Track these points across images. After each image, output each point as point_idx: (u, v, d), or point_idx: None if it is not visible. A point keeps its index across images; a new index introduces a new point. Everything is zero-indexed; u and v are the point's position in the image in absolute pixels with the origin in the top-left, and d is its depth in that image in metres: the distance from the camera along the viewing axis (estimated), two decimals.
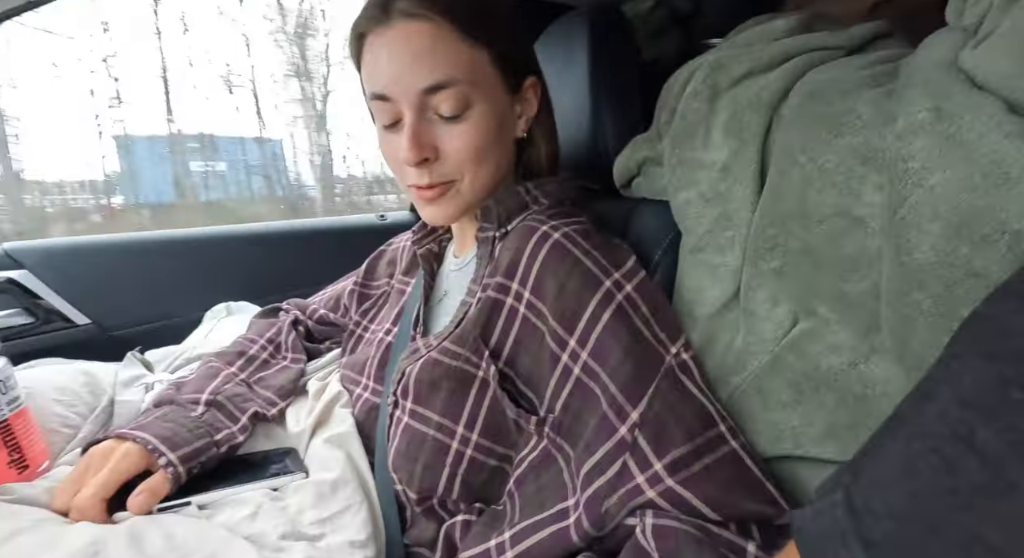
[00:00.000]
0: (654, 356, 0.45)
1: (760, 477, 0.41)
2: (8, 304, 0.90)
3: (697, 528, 0.38)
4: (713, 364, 0.48)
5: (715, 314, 0.49)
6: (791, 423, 0.42)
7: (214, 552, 0.44)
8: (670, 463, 0.40)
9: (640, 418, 0.42)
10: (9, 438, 0.49)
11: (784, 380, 0.43)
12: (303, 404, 0.67)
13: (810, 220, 0.41)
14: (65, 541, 0.41)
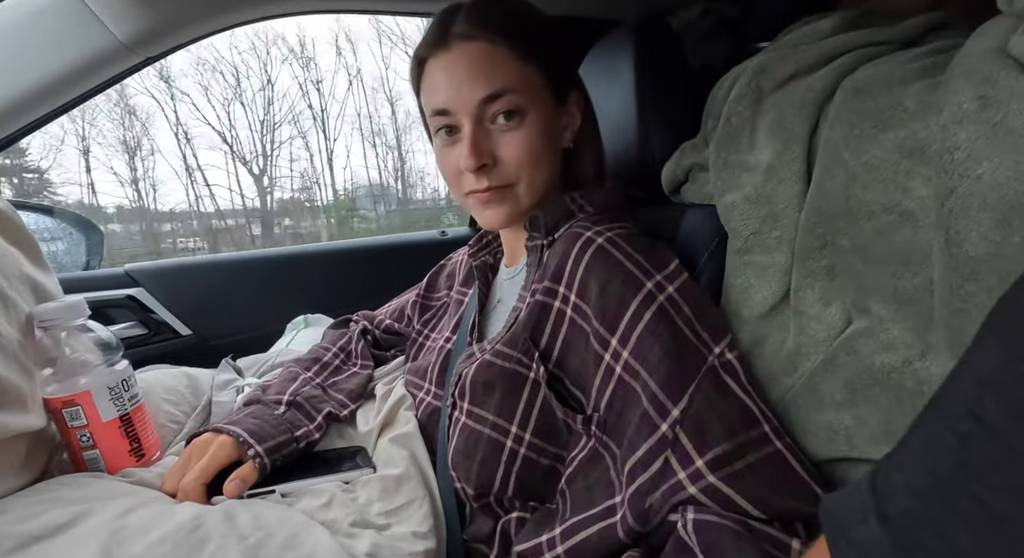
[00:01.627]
0: (696, 355, 0.45)
1: (806, 478, 0.40)
2: (127, 317, 1.04)
3: (739, 524, 0.38)
4: (763, 365, 0.48)
5: (764, 315, 0.48)
6: (844, 423, 0.41)
7: (295, 533, 0.49)
8: (712, 459, 0.40)
9: (681, 415, 0.42)
10: (130, 429, 0.57)
11: (838, 380, 0.42)
12: (371, 406, 0.73)
13: (858, 217, 0.41)
14: (173, 516, 0.47)
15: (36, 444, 0.52)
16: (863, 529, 0.22)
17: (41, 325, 0.54)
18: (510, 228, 0.68)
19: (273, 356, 0.88)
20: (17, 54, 0.76)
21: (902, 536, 0.21)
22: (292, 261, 1.25)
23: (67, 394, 0.53)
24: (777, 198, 0.47)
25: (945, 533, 0.19)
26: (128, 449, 0.58)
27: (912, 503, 0.21)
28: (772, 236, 0.48)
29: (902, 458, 0.23)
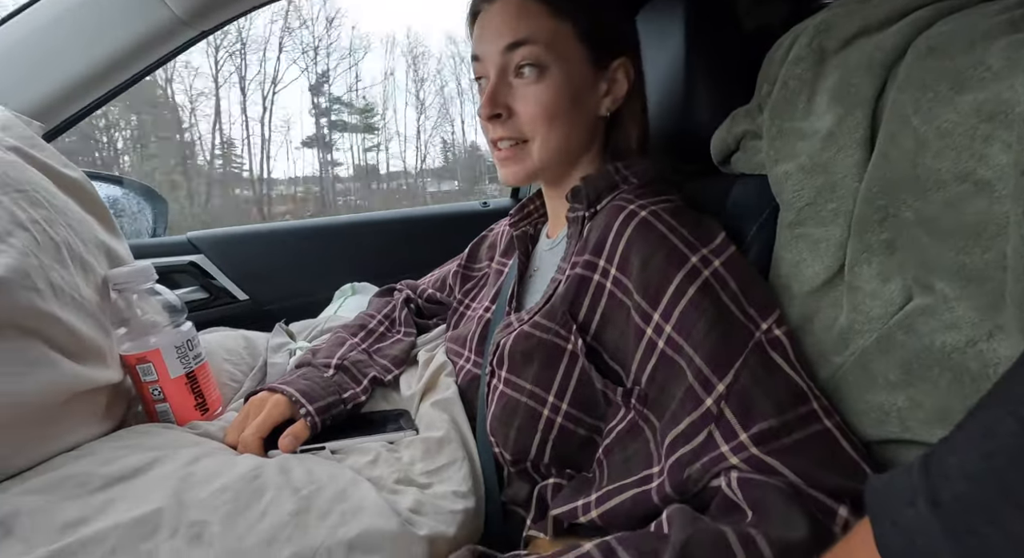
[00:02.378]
0: (742, 331, 0.44)
1: (855, 457, 0.39)
2: (189, 282, 1.11)
3: (786, 485, 0.37)
4: (812, 342, 0.46)
5: (815, 290, 0.46)
6: (897, 404, 0.39)
7: (344, 488, 0.52)
8: (757, 434, 0.40)
9: (726, 390, 0.42)
10: (195, 386, 0.62)
11: (893, 360, 0.40)
12: (414, 372, 0.75)
13: (926, 187, 0.38)
14: (235, 467, 0.51)
15: (115, 396, 0.57)
16: (911, 512, 0.21)
17: (115, 288, 0.58)
18: (551, 197, 0.68)
19: (322, 322, 0.93)
20: (80, 34, 0.80)
21: (953, 521, 0.20)
22: (340, 231, 1.29)
23: (140, 352, 0.58)
24: (835, 167, 0.45)
25: (999, 520, 0.19)
26: (194, 404, 0.62)
27: (966, 488, 0.20)
28: (827, 208, 0.45)
29: (958, 442, 0.22)
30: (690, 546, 0.35)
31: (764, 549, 0.34)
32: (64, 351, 0.49)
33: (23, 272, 0.45)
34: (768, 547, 0.34)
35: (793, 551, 0.34)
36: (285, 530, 0.45)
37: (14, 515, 0.40)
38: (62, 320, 0.48)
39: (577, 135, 0.60)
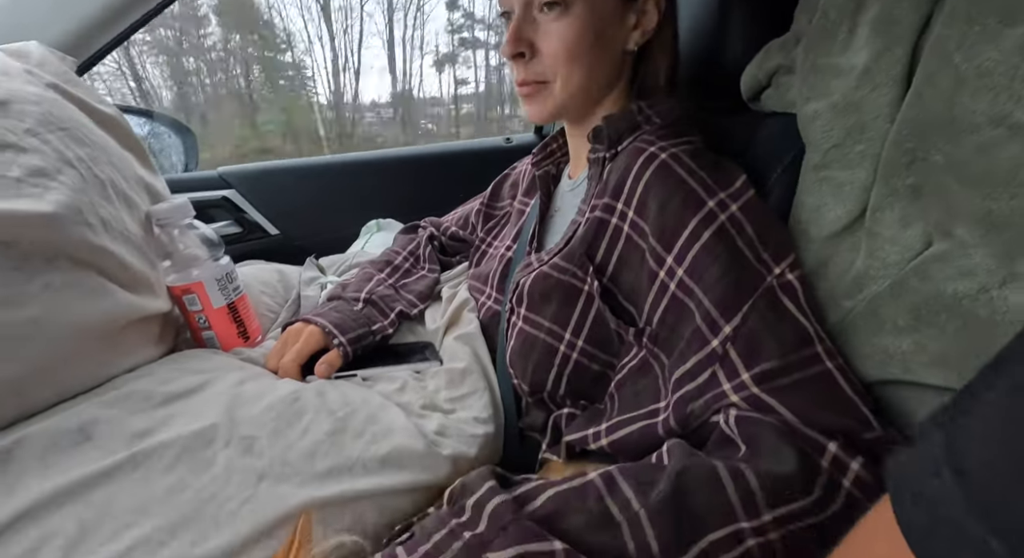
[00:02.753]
0: (754, 276, 0.45)
1: (853, 397, 0.41)
2: (223, 217, 1.16)
3: (781, 422, 0.39)
4: (826, 287, 0.47)
5: (834, 235, 0.46)
6: (902, 348, 0.40)
7: (375, 411, 0.57)
8: (758, 373, 0.42)
9: (733, 332, 0.43)
10: (236, 316, 0.67)
11: (903, 305, 0.41)
12: (438, 307, 0.79)
13: (958, 130, 0.37)
14: (277, 390, 0.56)
15: (165, 324, 0.62)
16: (935, 483, 0.20)
17: (158, 223, 0.61)
18: (573, 137, 0.67)
19: (350, 257, 0.96)
20: None
21: (980, 491, 0.19)
22: (365, 167, 1.29)
23: (184, 283, 0.62)
24: (867, 107, 0.43)
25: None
26: (237, 332, 0.67)
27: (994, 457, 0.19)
28: (855, 150, 0.44)
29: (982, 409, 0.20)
30: (684, 477, 0.38)
31: (752, 481, 0.36)
32: (118, 282, 0.53)
33: (75, 208, 0.48)
34: (755, 479, 0.36)
35: (779, 484, 0.36)
36: (324, 446, 0.50)
37: (92, 423, 0.46)
38: (114, 253, 0.52)
39: (601, 72, 0.58)
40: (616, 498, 0.37)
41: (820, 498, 0.36)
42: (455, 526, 0.39)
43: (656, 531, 0.35)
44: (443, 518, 0.40)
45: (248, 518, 0.43)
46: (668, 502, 0.36)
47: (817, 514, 0.36)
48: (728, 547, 0.35)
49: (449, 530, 0.38)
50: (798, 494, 0.36)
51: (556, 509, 0.38)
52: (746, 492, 0.36)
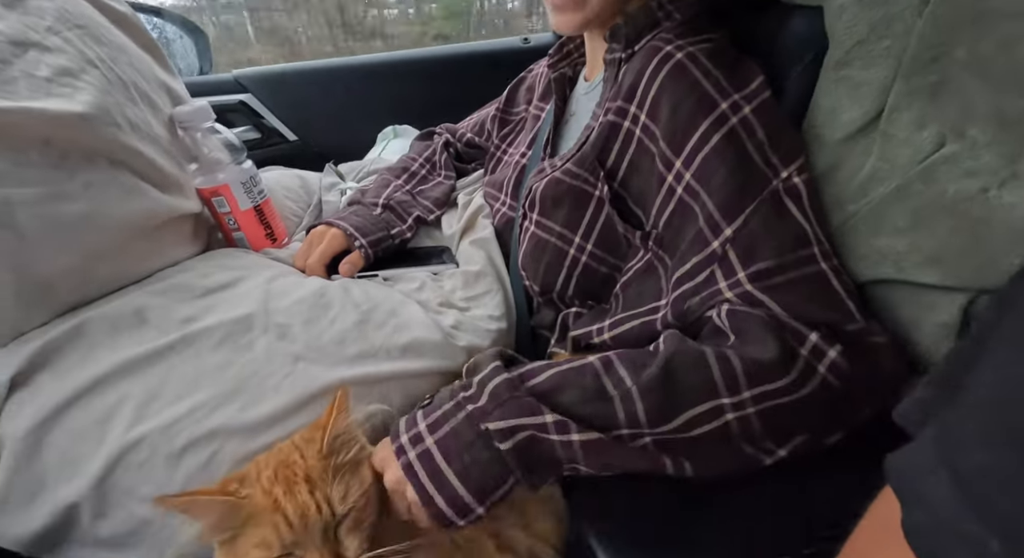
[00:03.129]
0: (760, 179, 0.46)
1: (843, 296, 0.43)
2: (242, 122, 1.16)
3: (769, 315, 0.42)
4: (832, 190, 0.47)
5: (847, 138, 0.46)
6: (897, 249, 0.42)
7: (395, 306, 0.61)
8: (753, 272, 0.44)
9: (733, 234, 0.45)
10: (262, 218, 0.70)
11: (906, 207, 0.42)
12: (454, 213, 0.81)
13: (988, 23, 0.35)
14: (306, 285, 0.61)
15: (198, 224, 0.66)
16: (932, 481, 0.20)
17: (181, 126, 0.63)
18: (591, 37, 0.64)
19: (368, 164, 0.97)
20: None
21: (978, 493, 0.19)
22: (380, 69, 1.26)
23: (212, 186, 0.65)
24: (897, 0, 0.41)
25: None
26: (264, 234, 0.71)
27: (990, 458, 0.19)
28: (880, 46, 0.43)
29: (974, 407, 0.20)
30: (674, 360, 0.42)
31: (736, 365, 0.40)
32: (151, 182, 0.56)
33: (104, 108, 0.50)
34: (739, 363, 0.40)
35: (760, 367, 0.40)
36: (351, 334, 0.56)
37: (146, 309, 0.51)
38: (144, 154, 0.54)
39: None
40: (611, 376, 0.42)
41: (795, 380, 0.40)
42: (461, 399, 0.44)
43: (645, 404, 0.40)
44: (454, 391, 0.45)
45: (288, 391, 0.49)
46: (657, 379, 0.41)
47: (792, 394, 0.40)
48: (709, 419, 0.40)
49: (456, 402, 0.44)
50: (775, 376, 0.40)
51: (554, 385, 0.42)
52: (729, 372, 0.40)
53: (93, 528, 0.45)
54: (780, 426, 0.41)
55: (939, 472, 0.20)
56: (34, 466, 0.44)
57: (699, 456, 0.42)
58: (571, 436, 0.40)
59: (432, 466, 0.41)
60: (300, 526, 0.38)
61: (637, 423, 0.40)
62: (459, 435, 0.42)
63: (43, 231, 0.46)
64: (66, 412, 0.45)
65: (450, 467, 0.41)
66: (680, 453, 0.42)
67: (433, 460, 0.42)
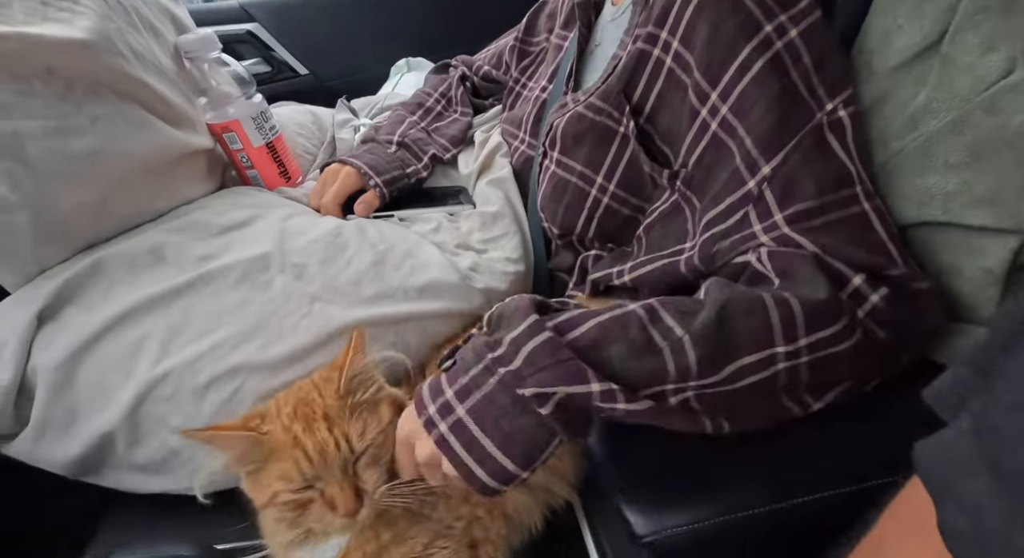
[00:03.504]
0: (803, 112, 0.42)
1: (885, 239, 0.40)
2: (252, 54, 1.12)
3: (809, 254, 0.39)
4: (879, 125, 0.44)
5: (900, 66, 0.42)
6: (946, 188, 0.39)
7: (411, 247, 0.60)
8: (791, 214, 0.41)
9: (772, 172, 0.42)
10: (275, 155, 0.68)
11: (961, 141, 0.38)
12: (471, 152, 0.78)
13: None
14: (321, 225, 0.60)
15: (212, 161, 0.65)
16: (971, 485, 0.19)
17: (187, 56, 0.60)
18: None
19: (381, 99, 0.93)
20: None
21: None
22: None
23: (222, 121, 0.63)
24: None
25: None
26: (278, 172, 0.70)
27: None
28: None
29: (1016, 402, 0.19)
30: (729, 305, 0.37)
31: (795, 307, 0.37)
32: (160, 116, 0.54)
33: (105, 35, 0.48)
34: (798, 305, 0.37)
35: (816, 309, 0.37)
36: (368, 275, 0.55)
37: (162, 247, 0.51)
38: (151, 86, 0.52)
39: None
40: (658, 326, 0.38)
41: (847, 325, 0.37)
42: (490, 361, 0.38)
43: (698, 353, 0.36)
44: (480, 352, 0.39)
45: (306, 331, 0.50)
46: (712, 327, 0.36)
47: (844, 341, 0.37)
48: (758, 369, 0.37)
49: (485, 366, 0.39)
50: (829, 321, 0.37)
51: (598, 338, 0.38)
52: (788, 317, 0.36)
53: (128, 455, 0.47)
54: (826, 377, 0.39)
55: (979, 472, 0.19)
56: (68, 396, 0.45)
57: (737, 410, 0.40)
58: (616, 405, 0.36)
59: (468, 438, 0.37)
60: (320, 461, 0.39)
61: (687, 375, 0.36)
62: (493, 402, 0.37)
63: (54, 166, 0.45)
64: (94, 346, 0.46)
65: (488, 437, 0.37)
66: (719, 409, 0.39)
67: (468, 430, 0.37)
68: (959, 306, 0.41)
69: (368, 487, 0.41)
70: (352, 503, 0.39)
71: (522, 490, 0.48)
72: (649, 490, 0.39)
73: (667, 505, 0.38)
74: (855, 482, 0.37)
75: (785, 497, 0.37)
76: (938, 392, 0.24)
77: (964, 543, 0.19)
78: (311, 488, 0.39)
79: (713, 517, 0.37)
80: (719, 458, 0.40)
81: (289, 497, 0.39)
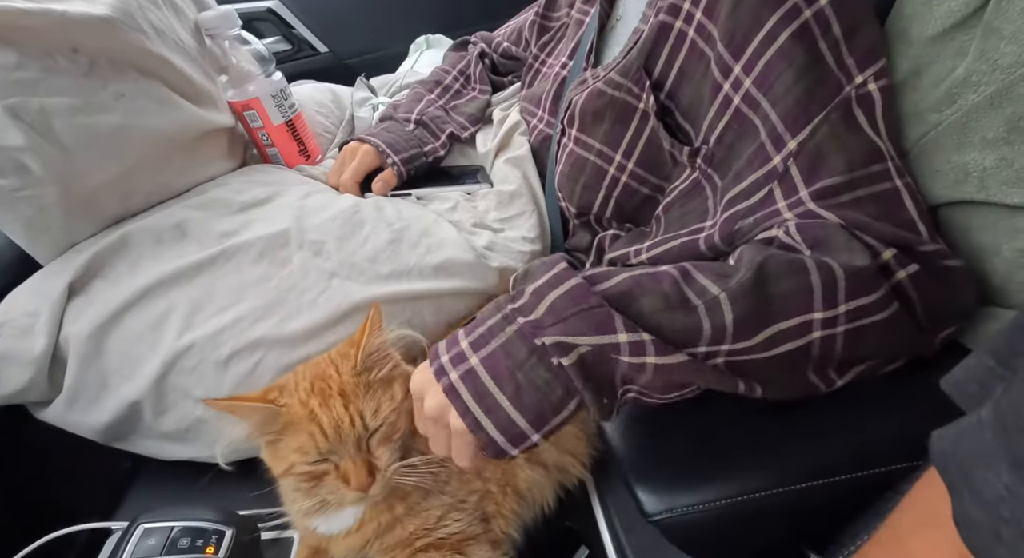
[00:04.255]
0: (831, 85, 0.40)
1: (915, 217, 0.39)
2: (272, 33, 1.12)
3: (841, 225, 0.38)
4: (914, 99, 0.42)
5: (939, 35, 0.40)
6: (984, 164, 0.37)
7: (428, 226, 0.61)
8: (818, 189, 0.39)
9: (798, 148, 0.40)
10: (295, 133, 0.69)
11: (1001, 116, 0.36)
12: (489, 130, 0.77)
13: None
14: (339, 202, 0.60)
15: (233, 139, 0.66)
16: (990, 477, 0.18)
17: (207, 33, 0.61)
18: None
19: (400, 77, 0.93)
20: None
21: None
22: None
23: (242, 99, 0.64)
24: None
25: None
26: (298, 150, 0.70)
27: None
28: None
29: None
30: (768, 264, 0.35)
31: (837, 271, 0.35)
32: (182, 93, 0.55)
33: (126, 12, 0.48)
34: (839, 269, 0.35)
35: (859, 278, 0.34)
36: (384, 253, 0.56)
37: (186, 222, 0.52)
38: (173, 63, 0.53)
39: None
40: (692, 286, 0.36)
41: (886, 294, 0.35)
42: (509, 311, 0.37)
43: (735, 313, 0.34)
44: (500, 304, 0.38)
45: (324, 306, 0.51)
46: (750, 286, 0.34)
47: (882, 311, 0.35)
48: (794, 336, 0.35)
49: (503, 315, 0.37)
50: (872, 288, 0.35)
51: (630, 289, 0.36)
52: (830, 280, 0.34)
53: (156, 423, 0.49)
54: (857, 351, 0.37)
55: (998, 464, 0.18)
56: (98, 366, 0.47)
57: (768, 379, 0.38)
58: (646, 358, 0.33)
59: (478, 387, 0.35)
60: (334, 436, 0.40)
61: (722, 336, 0.34)
62: (509, 352, 0.35)
63: (81, 142, 0.46)
64: (122, 317, 0.48)
65: (500, 388, 0.35)
66: (750, 376, 0.37)
67: (479, 379, 0.35)
68: (990, 289, 0.40)
69: (380, 464, 0.41)
70: (364, 478, 0.40)
71: (535, 468, 0.49)
72: (660, 471, 0.39)
73: (677, 486, 0.38)
74: (868, 467, 0.37)
75: (795, 481, 0.37)
76: (959, 381, 0.23)
77: (980, 534, 0.19)
78: (326, 461, 0.40)
79: (722, 498, 0.36)
80: (731, 441, 0.40)
81: (305, 469, 0.40)
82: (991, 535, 0.18)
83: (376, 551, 0.43)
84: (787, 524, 0.39)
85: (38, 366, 0.46)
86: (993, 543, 0.18)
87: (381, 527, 0.42)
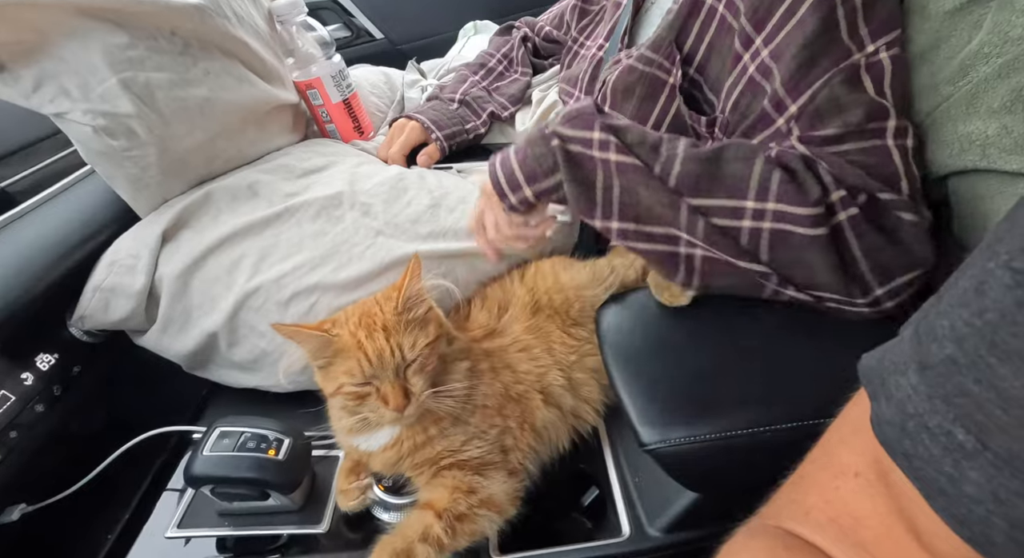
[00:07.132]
0: (839, 51, 0.42)
1: (900, 173, 0.41)
2: (333, 20, 1.21)
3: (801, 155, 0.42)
4: (929, 72, 0.43)
5: (957, 9, 0.41)
6: (987, 132, 0.38)
7: (465, 195, 0.66)
8: (807, 136, 0.43)
9: (799, 111, 0.43)
10: (351, 111, 0.76)
11: (1008, 85, 0.37)
12: (528, 111, 0.82)
13: None
14: (386, 171, 0.67)
15: (296, 115, 0.74)
16: (901, 381, 0.21)
17: (278, 19, 0.69)
18: None
19: (449, 61, 0.99)
20: None
21: (942, 385, 0.19)
22: None
23: (306, 79, 0.71)
24: None
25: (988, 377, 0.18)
26: (353, 126, 0.78)
27: (955, 349, 0.19)
28: None
29: (949, 303, 0.20)
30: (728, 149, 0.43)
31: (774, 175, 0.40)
32: (256, 72, 0.63)
33: (215, 0, 0.56)
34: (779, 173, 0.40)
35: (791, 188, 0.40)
36: (425, 215, 0.62)
37: (257, 183, 0.60)
38: (250, 45, 0.61)
39: None
40: (670, 143, 0.45)
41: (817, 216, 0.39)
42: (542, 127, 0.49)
43: (681, 170, 0.43)
44: None
45: (370, 259, 0.57)
46: (703, 157, 0.43)
47: (803, 227, 0.40)
48: (724, 214, 0.42)
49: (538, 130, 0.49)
50: (800, 201, 0.40)
51: (627, 126, 0.46)
52: (764, 178, 0.41)
53: (228, 354, 0.57)
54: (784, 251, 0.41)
55: (908, 368, 0.21)
56: (184, 301, 0.56)
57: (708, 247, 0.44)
58: (609, 154, 0.45)
59: (504, 158, 0.51)
60: (377, 363, 0.46)
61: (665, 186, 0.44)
62: (530, 139, 0.49)
63: (177, 112, 0.55)
64: (204, 261, 0.56)
65: (514, 156, 0.50)
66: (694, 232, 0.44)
67: (507, 155, 0.51)
68: None
69: (415, 390, 0.47)
70: (401, 400, 0.46)
71: (552, 409, 0.54)
72: (657, 407, 0.43)
73: (671, 420, 0.42)
74: None
75: (781, 421, 0.40)
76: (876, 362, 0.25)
77: (890, 429, 0.21)
78: (369, 384, 0.47)
79: (713, 433, 0.40)
80: (725, 381, 0.43)
81: (351, 389, 0.47)
82: (898, 429, 0.21)
83: (408, 467, 0.50)
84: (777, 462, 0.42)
85: (138, 299, 0.55)
86: (899, 435, 0.21)
87: (415, 445, 0.49)
